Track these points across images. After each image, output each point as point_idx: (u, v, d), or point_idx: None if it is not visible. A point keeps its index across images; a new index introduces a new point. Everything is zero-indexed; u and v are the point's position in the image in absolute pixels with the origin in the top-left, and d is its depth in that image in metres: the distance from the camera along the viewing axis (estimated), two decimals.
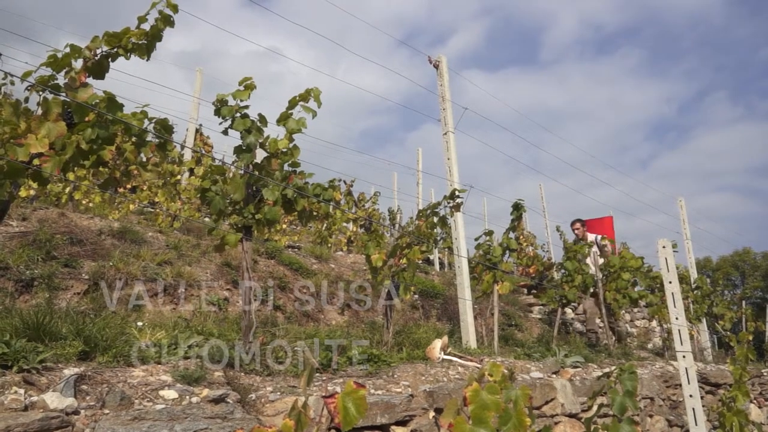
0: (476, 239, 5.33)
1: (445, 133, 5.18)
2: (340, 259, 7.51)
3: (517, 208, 5.62)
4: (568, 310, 7.71)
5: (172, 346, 2.76)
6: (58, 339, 2.43)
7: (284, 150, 3.62)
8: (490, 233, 5.22)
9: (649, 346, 8.45)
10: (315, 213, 3.88)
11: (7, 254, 4.27)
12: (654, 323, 8.82)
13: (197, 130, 9.27)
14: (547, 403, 3.64)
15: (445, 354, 3.63)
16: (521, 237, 8.20)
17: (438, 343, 3.62)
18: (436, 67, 5.40)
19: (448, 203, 4.36)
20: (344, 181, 9.73)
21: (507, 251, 5.27)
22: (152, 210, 7.56)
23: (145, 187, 7.57)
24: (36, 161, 2.63)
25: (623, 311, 7.77)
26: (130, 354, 2.44)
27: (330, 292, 5.82)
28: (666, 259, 3.47)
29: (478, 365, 3.58)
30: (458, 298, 4.81)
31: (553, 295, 5.68)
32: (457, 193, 4.33)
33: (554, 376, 3.94)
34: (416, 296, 6.35)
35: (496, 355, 4.31)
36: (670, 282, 3.46)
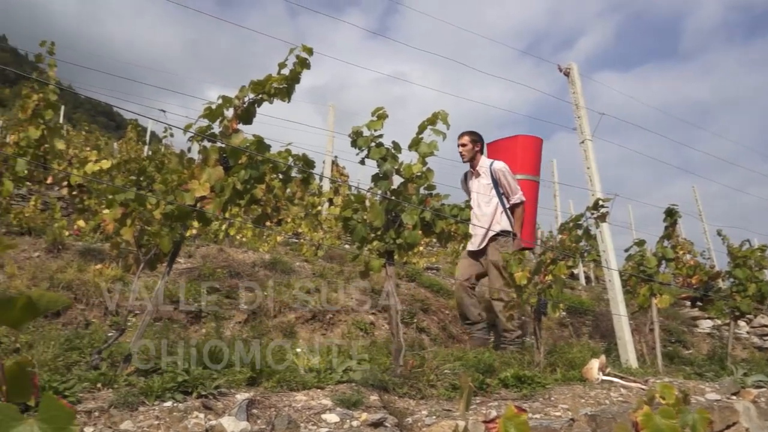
0: (626, 250, 4.99)
1: (582, 142, 4.95)
2: None
3: (671, 213, 5.19)
4: (742, 323, 6.91)
5: (328, 371, 2.87)
6: (229, 366, 2.63)
7: (419, 174, 3.66)
8: (641, 243, 4.87)
9: None
10: (454, 233, 3.87)
11: (178, 289, 4.73)
12: None
13: (333, 162, 9.74)
14: (728, 427, 3.27)
15: (603, 374, 3.41)
16: (677, 245, 7.53)
17: (595, 363, 3.41)
18: (567, 74, 5.20)
19: (592, 214, 4.14)
20: None
21: (663, 261, 4.87)
22: (297, 241, 8.00)
23: (289, 220, 8.06)
24: (200, 204, 2.89)
25: None
26: (293, 379, 2.58)
27: None
28: None
29: (643, 386, 3.32)
30: (612, 314, 4.51)
31: (722, 307, 5.12)
32: (601, 203, 4.10)
33: (734, 397, 3.54)
34: (563, 313, 6.07)
35: (662, 374, 3.97)
36: None
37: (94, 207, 6.05)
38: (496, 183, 4.83)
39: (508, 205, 4.85)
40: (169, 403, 2.15)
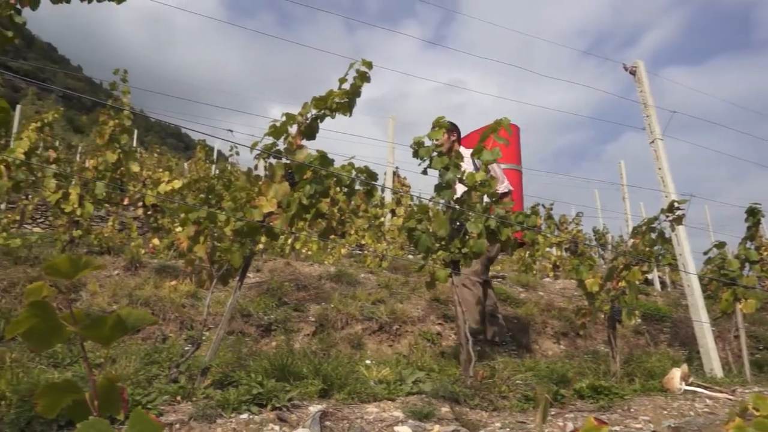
0: (705, 253, 4.74)
1: (653, 142, 4.76)
2: (548, 285, 7.22)
3: (754, 213, 4.89)
4: None
5: (398, 382, 2.86)
6: (300, 378, 2.67)
7: (482, 182, 3.62)
8: (721, 245, 4.61)
9: None
10: (520, 241, 3.80)
11: (248, 303, 4.86)
12: None
13: (394, 173, 9.78)
14: None
15: (686, 384, 3.24)
16: (761, 246, 7.10)
17: (677, 373, 3.25)
18: (633, 73, 5.03)
19: (667, 216, 3.97)
20: (543, 205, 9.45)
21: (746, 263, 4.59)
22: (360, 252, 8.06)
23: (352, 232, 8.14)
24: (268, 219, 2.96)
25: None
26: (363, 391, 2.59)
27: (542, 321, 5.60)
28: None
29: (730, 396, 3.12)
30: (692, 321, 4.29)
31: None
32: (676, 204, 3.92)
33: None
34: (639, 320, 5.82)
35: (751, 384, 3.73)
36: None
37: (168, 225, 6.31)
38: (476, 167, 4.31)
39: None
40: (245, 416, 2.20)
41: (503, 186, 4.54)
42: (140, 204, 6.05)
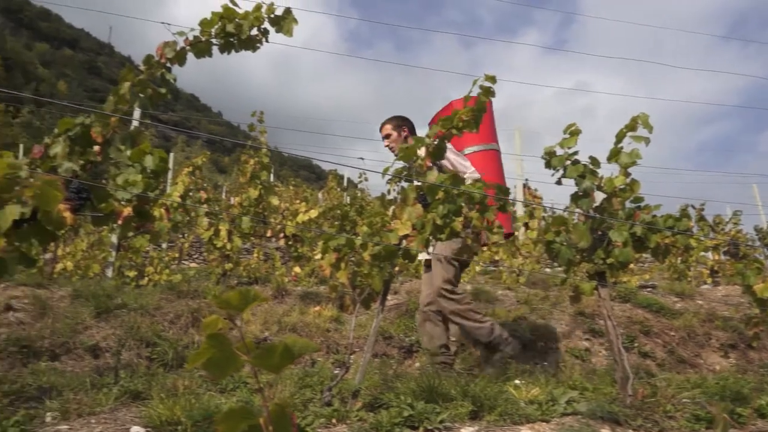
0: None
1: None
2: (707, 293, 6.60)
3: None
4: None
5: (550, 403, 2.74)
6: (449, 399, 2.65)
7: (622, 187, 3.42)
8: None
9: None
10: (673, 246, 3.51)
11: (388, 325, 4.94)
12: None
13: (524, 185, 9.54)
14: None
15: None
16: None
17: None
18: None
19: None
20: (692, 206, 8.67)
21: None
22: (494, 269, 7.92)
23: (485, 248, 8.01)
24: (404, 242, 3.01)
25: None
26: (515, 412, 2.51)
27: (704, 333, 5.12)
28: None
29: None
30: None
31: None
32: None
33: None
34: None
35: None
36: None
37: (307, 254, 6.64)
38: (439, 167, 3.90)
39: None
40: None
41: (466, 176, 3.89)
42: (281, 235, 6.43)
